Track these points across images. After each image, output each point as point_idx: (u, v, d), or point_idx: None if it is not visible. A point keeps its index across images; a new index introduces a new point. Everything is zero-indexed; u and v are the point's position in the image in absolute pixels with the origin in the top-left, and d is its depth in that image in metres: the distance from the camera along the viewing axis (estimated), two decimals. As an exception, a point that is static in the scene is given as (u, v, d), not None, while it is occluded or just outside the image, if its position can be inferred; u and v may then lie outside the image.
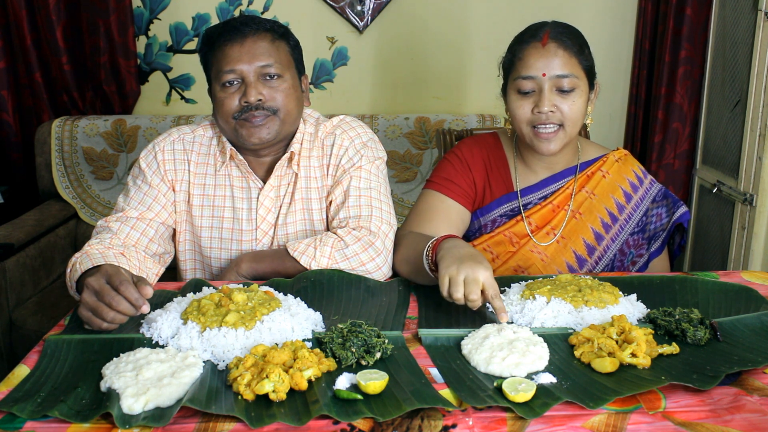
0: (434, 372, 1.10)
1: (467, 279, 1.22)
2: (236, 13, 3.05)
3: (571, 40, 1.54)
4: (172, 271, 1.72)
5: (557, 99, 1.52)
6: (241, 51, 1.54)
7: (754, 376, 1.07)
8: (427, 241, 1.39)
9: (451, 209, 1.64)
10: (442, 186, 1.65)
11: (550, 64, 1.51)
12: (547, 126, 1.53)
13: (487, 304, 1.34)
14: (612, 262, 1.67)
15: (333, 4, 3.02)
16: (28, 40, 2.95)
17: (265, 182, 1.65)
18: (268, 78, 1.56)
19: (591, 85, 1.58)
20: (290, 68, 1.60)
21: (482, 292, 1.23)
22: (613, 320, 1.18)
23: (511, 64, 1.58)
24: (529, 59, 1.53)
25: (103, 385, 1.03)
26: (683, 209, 1.68)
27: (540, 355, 1.11)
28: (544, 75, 1.51)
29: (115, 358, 1.11)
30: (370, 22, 3.05)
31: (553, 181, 1.67)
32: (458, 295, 1.23)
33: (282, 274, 1.52)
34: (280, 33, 1.61)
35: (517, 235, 1.64)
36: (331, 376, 1.07)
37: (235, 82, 1.56)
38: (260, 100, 1.55)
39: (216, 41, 1.57)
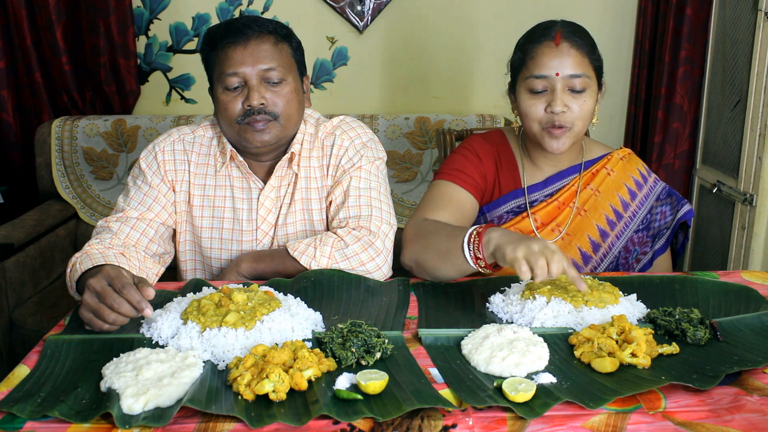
0: (434, 372, 1.10)
1: (541, 250, 1.20)
2: (236, 13, 3.05)
3: (583, 39, 1.54)
4: (172, 271, 1.72)
5: (569, 99, 1.52)
6: (244, 53, 1.54)
7: (754, 376, 1.07)
8: (459, 229, 1.37)
9: (462, 198, 1.62)
10: (453, 176, 1.64)
11: (563, 64, 1.51)
12: (559, 125, 1.53)
13: (487, 305, 1.35)
14: (617, 260, 1.68)
15: (333, 4, 3.02)
16: (28, 40, 2.95)
17: (265, 183, 1.65)
18: (270, 81, 1.56)
19: (599, 84, 1.58)
20: (292, 71, 1.60)
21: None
22: (613, 320, 1.18)
23: (522, 62, 1.56)
24: (543, 58, 1.52)
25: (103, 385, 1.03)
26: (687, 207, 1.68)
27: (540, 355, 1.11)
28: (557, 75, 1.51)
29: (115, 358, 1.11)
30: (370, 22, 3.05)
31: (559, 178, 1.68)
32: (541, 262, 1.19)
33: (282, 274, 1.52)
34: (283, 35, 1.60)
35: (522, 231, 1.65)
36: (331, 376, 1.07)
37: (238, 85, 1.55)
38: (262, 104, 1.55)
39: (218, 42, 1.57)
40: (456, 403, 1.00)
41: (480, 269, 1.34)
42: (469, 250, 1.33)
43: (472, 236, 1.32)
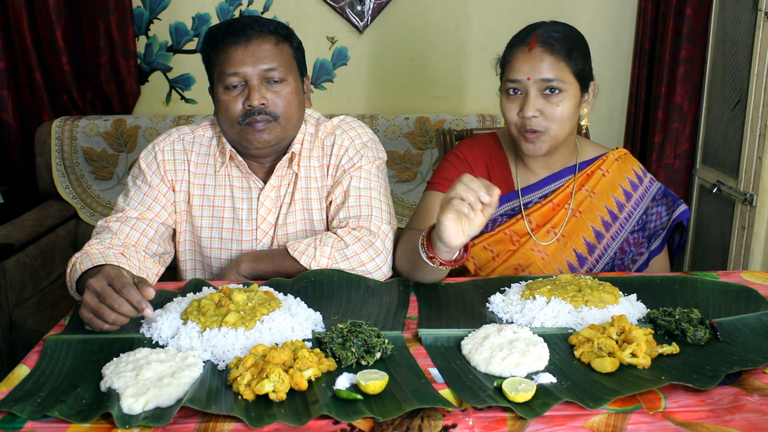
0: (434, 372, 1.10)
1: (459, 186, 1.24)
2: (236, 13, 3.05)
3: (560, 43, 1.53)
4: (172, 271, 1.72)
5: (542, 103, 1.53)
6: (245, 54, 1.54)
7: (754, 376, 1.07)
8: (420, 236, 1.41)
9: None
10: (443, 186, 1.65)
11: (535, 69, 1.52)
12: (532, 130, 1.54)
13: (487, 305, 1.34)
14: (612, 261, 1.68)
15: (333, 4, 3.02)
16: (28, 40, 2.95)
17: (265, 182, 1.65)
18: (271, 82, 1.56)
19: (584, 87, 1.58)
20: (293, 71, 1.60)
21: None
22: (613, 320, 1.18)
23: (502, 67, 1.61)
24: (516, 63, 1.54)
25: (103, 385, 1.04)
26: (683, 207, 1.68)
27: (540, 355, 1.11)
28: (528, 79, 1.52)
29: (115, 358, 1.11)
30: (370, 22, 3.05)
31: (553, 180, 1.68)
32: (473, 186, 1.23)
33: (282, 274, 1.52)
34: (284, 35, 1.60)
35: (517, 233, 1.65)
36: (331, 376, 1.07)
37: (239, 85, 1.55)
38: (263, 104, 1.55)
39: (219, 42, 1.57)
40: (456, 403, 1.00)
41: (440, 266, 1.37)
42: (423, 251, 1.36)
43: (423, 239, 1.37)
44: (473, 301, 1.38)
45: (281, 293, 1.34)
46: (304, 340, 1.17)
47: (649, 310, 1.29)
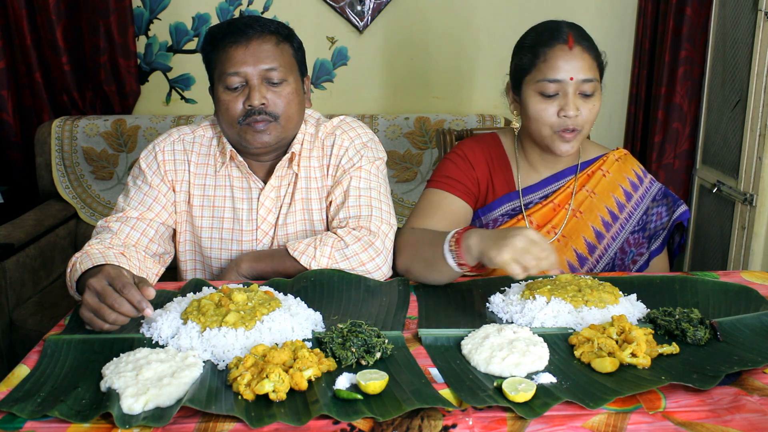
0: (434, 372, 1.10)
1: (525, 247, 1.23)
2: (236, 13, 3.05)
3: (590, 42, 1.55)
4: (172, 271, 1.72)
5: (580, 102, 1.52)
6: (245, 53, 1.54)
7: (754, 376, 1.07)
8: (441, 236, 1.38)
9: (453, 205, 1.63)
10: (444, 183, 1.65)
11: (577, 68, 1.50)
12: (571, 129, 1.53)
13: (487, 305, 1.35)
14: (613, 261, 1.68)
15: (333, 4, 3.02)
16: (28, 40, 2.95)
17: (265, 183, 1.65)
18: (271, 82, 1.56)
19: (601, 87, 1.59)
20: (293, 71, 1.60)
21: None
22: (613, 320, 1.18)
23: (532, 64, 1.54)
24: (557, 62, 1.51)
25: (103, 385, 1.04)
26: (683, 208, 1.68)
27: (540, 355, 1.11)
28: (571, 79, 1.50)
29: (115, 358, 1.11)
30: (370, 22, 3.05)
31: (554, 180, 1.68)
32: (533, 263, 1.22)
33: (282, 274, 1.52)
34: (285, 35, 1.60)
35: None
36: (331, 376, 1.07)
37: (239, 85, 1.55)
38: (263, 104, 1.55)
39: (220, 42, 1.57)
40: (456, 403, 1.00)
41: (466, 272, 1.35)
42: (453, 257, 1.34)
43: (452, 243, 1.34)
44: (473, 301, 1.38)
45: (281, 293, 1.34)
46: (304, 340, 1.17)
47: (649, 310, 1.29)
